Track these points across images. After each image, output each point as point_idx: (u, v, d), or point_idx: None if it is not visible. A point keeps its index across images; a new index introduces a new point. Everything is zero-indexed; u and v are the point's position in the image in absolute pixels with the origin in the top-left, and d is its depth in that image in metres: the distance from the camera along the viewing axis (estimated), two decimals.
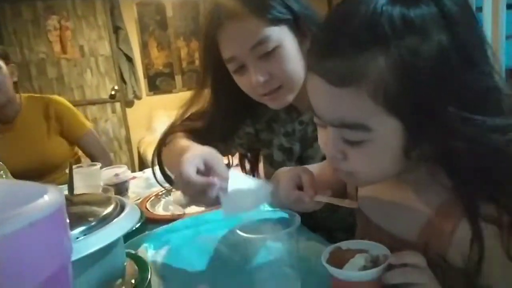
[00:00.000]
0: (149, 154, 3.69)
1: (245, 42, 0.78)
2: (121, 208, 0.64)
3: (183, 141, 0.89)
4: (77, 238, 0.54)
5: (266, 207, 0.78)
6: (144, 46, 4.07)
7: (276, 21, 0.78)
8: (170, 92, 4.24)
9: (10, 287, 0.21)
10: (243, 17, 0.77)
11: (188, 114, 0.98)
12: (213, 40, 0.82)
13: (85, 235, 0.54)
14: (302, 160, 0.96)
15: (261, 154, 1.07)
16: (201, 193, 0.66)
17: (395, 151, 0.50)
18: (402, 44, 0.44)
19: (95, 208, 0.62)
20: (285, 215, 0.62)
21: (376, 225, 0.63)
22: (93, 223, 0.57)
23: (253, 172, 1.11)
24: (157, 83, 4.19)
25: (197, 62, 4.31)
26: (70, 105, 1.63)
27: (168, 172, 0.97)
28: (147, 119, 4.09)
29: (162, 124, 4.10)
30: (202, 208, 1.02)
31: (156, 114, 4.11)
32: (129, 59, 3.93)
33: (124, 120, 4.00)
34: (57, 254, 0.26)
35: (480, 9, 2.25)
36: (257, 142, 1.04)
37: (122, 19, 3.87)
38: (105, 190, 1.01)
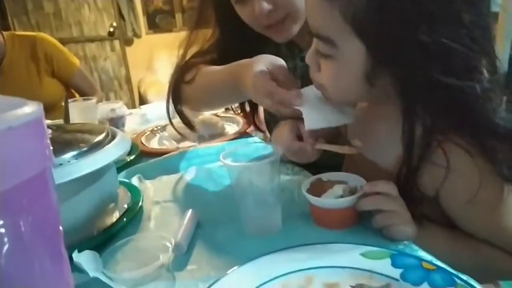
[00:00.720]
0: (149, 94, 3.68)
1: None
2: (112, 137, 0.67)
3: (216, 68, 0.86)
4: (69, 161, 0.56)
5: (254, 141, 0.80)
6: None
7: None
8: (170, 31, 4.13)
9: None
10: None
11: (189, 54, 0.95)
12: None
13: (76, 159, 0.57)
14: None
15: None
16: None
17: (357, 74, 0.54)
18: None
19: (87, 136, 0.64)
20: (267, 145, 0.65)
21: (361, 154, 0.65)
22: (84, 149, 0.59)
23: (254, 113, 1.10)
24: (157, 21, 4.07)
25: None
26: (57, 42, 1.55)
27: (188, 114, 0.96)
28: (147, 58, 4.02)
29: (163, 64, 4.07)
30: (196, 143, 1.05)
31: (156, 54, 4.03)
32: None
33: (123, 59, 3.95)
34: (36, 160, 0.27)
35: None
36: None
37: None
38: (100, 124, 1.03)
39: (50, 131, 0.62)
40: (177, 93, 0.94)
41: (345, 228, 0.57)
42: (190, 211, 0.64)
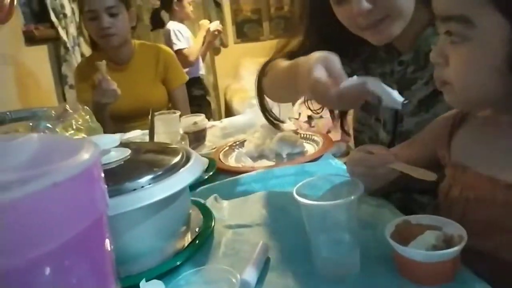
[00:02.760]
0: (234, 101, 3.78)
1: None
2: (187, 158, 0.66)
3: (283, 63, 0.90)
4: (143, 187, 0.56)
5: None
6: None
7: None
8: (257, 40, 4.20)
9: (33, 245, 0.22)
10: None
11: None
12: None
13: (150, 184, 0.57)
14: None
15: None
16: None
17: (497, 59, 0.47)
18: None
19: (162, 157, 0.64)
20: (348, 179, 0.58)
21: (474, 172, 0.57)
22: (159, 173, 0.59)
23: (342, 116, 1.06)
24: (245, 30, 4.17)
25: (285, 8, 4.16)
26: (174, 55, 1.74)
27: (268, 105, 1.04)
28: (234, 66, 4.13)
29: (248, 71, 4.15)
30: (272, 163, 1.01)
31: (243, 62, 4.13)
32: (218, 5, 3.94)
33: (212, 67, 4.10)
34: (85, 212, 0.26)
35: None
36: None
37: None
38: (183, 137, 1.05)
39: (129, 151, 0.63)
40: (259, 86, 1.01)
41: (436, 285, 0.49)
42: (260, 244, 0.60)
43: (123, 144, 0.67)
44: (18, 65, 1.76)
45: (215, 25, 2.83)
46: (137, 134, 1.37)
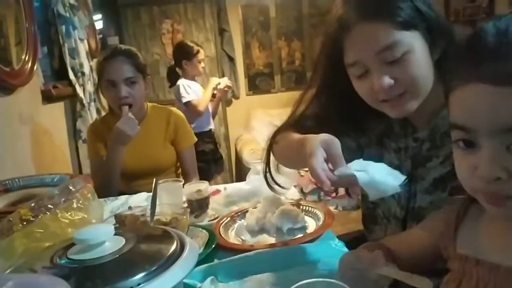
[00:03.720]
0: (245, 151, 3.80)
1: (373, 46, 0.77)
2: (181, 247, 0.66)
3: (296, 135, 0.91)
4: (139, 284, 0.56)
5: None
6: (246, 47, 4.19)
7: (407, 26, 0.76)
8: (269, 92, 4.31)
9: None
10: (372, 20, 0.77)
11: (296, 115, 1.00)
12: (339, 44, 0.82)
13: (142, 284, 0.57)
14: (411, 179, 0.88)
15: None
16: None
17: None
18: None
19: (156, 248, 0.65)
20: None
21: (491, 264, 0.56)
22: (152, 269, 0.59)
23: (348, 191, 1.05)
24: (257, 83, 4.29)
25: (297, 63, 4.29)
26: (185, 118, 1.78)
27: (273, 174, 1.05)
28: (245, 117, 4.21)
29: (259, 122, 4.22)
30: (272, 239, 1.01)
31: (254, 113, 4.21)
32: (231, 59, 4.09)
33: (224, 119, 4.19)
34: None
35: None
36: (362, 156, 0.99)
37: (228, 21, 4.03)
38: (184, 210, 1.04)
39: (123, 242, 0.64)
40: (268, 152, 1.03)
41: None
42: None
43: (118, 229, 0.68)
44: (35, 123, 1.82)
45: (224, 81, 2.92)
46: (142, 198, 1.39)
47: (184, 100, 2.71)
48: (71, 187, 0.85)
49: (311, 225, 1.05)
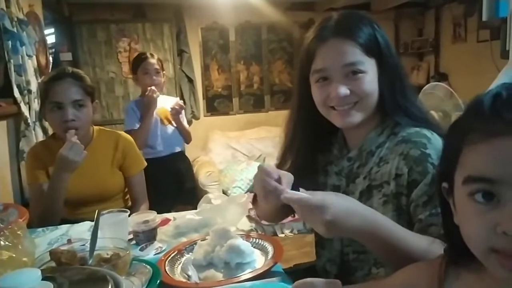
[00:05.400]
0: (201, 173, 3.74)
1: (341, 59, 0.89)
2: None
3: None
4: None
5: None
6: (205, 69, 4.18)
7: (367, 51, 0.89)
8: (227, 113, 4.31)
9: None
10: (345, 38, 0.89)
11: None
12: (312, 53, 0.92)
13: None
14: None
15: None
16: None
17: None
18: None
19: None
20: None
21: None
22: None
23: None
24: (215, 105, 4.28)
25: (255, 86, 4.34)
26: (134, 142, 1.70)
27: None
28: (203, 139, 4.17)
29: (217, 144, 4.20)
30: (220, 274, 0.98)
31: (212, 135, 4.18)
32: (190, 81, 4.06)
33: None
34: None
35: None
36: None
37: (187, 43, 4.03)
38: (127, 244, 0.99)
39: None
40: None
41: None
42: None
43: (48, 272, 0.63)
44: None
45: (174, 103, 2.60)
46: (84, 228, 1.31)
47: (124, 128, 2.38)
48: None
49: (260, 260, 1.03)
